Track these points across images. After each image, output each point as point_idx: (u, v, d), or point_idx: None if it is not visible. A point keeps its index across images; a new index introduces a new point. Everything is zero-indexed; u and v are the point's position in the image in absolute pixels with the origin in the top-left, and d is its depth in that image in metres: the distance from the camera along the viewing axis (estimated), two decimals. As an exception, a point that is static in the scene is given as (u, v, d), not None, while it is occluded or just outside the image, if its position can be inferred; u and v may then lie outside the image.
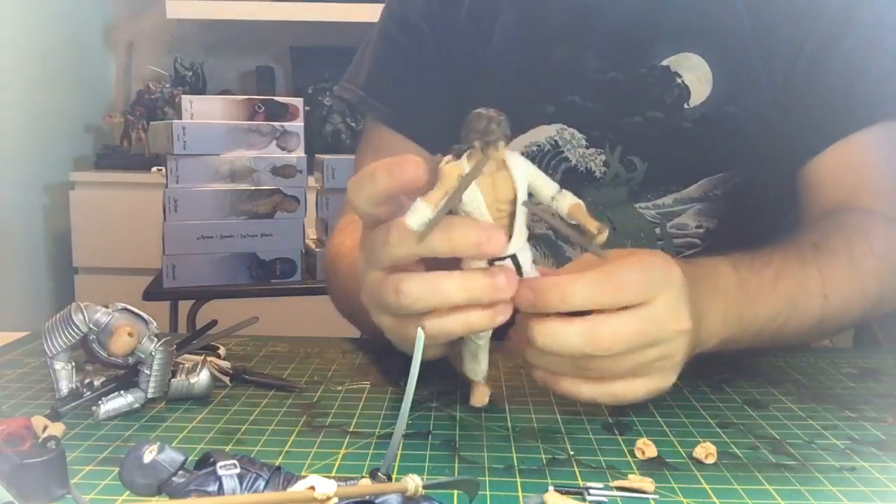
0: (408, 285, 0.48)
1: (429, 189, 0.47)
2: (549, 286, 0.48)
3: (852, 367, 0.69)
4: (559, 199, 0.48)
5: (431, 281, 0.48)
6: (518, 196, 0.48)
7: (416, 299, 0.48)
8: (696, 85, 0.80)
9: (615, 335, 0.48)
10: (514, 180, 0.48)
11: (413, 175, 0.46)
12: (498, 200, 0.48)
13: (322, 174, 1.67)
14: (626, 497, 0.43)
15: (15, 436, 0.48)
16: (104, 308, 0.54)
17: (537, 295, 0.48)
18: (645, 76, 0.81)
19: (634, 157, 0.82)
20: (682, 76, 0.80)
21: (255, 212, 1.57)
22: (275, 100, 1.63)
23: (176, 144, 1.50)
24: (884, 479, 0.46)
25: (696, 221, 0.83)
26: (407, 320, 0.51)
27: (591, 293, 0.48)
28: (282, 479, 0.35)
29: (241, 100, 1.61)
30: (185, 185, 1.53)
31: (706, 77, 0.80)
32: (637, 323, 0.49)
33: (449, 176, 0.47)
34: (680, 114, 0.80)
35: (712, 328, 0.57)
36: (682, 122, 0.80)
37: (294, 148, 1.61)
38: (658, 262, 0.51)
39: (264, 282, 1.59)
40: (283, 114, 1.62)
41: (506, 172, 0.48)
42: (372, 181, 0.48)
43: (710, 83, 0.80)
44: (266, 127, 1.58)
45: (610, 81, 0.81)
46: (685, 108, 0.80)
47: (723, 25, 0.80)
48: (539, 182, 0.49)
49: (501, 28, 0.85)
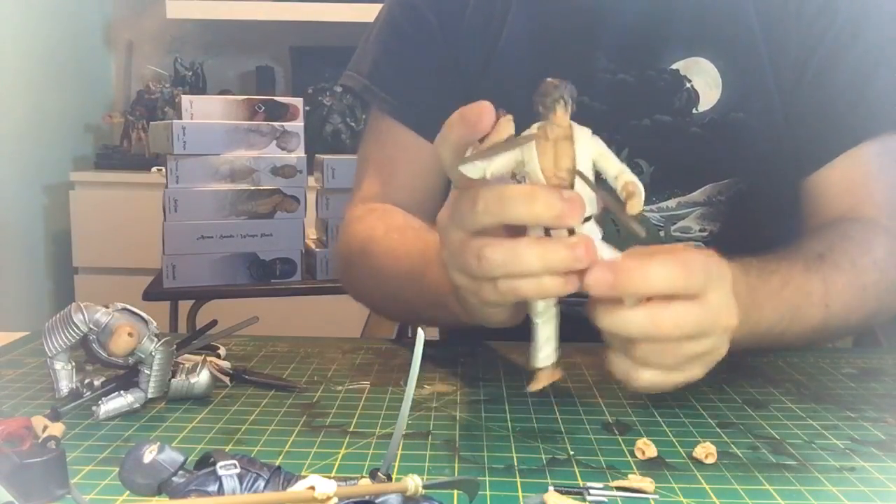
0: (490, 251, 0.49)
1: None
2: (632, 268, 0.48)
3: (852, 367, 0.70)
4: (620, 178, 0.49)
5: (513, 249, 0.49)
6: (577, 167, 0.49)
7: (497, 266, 0.49)
8: (705, 90, 0.80)
9: (677, 321, 0.49)
10: (577, 150, 0.49)
11: (487, 120, 0.49)
12: (558, 168, 0.49)
13: (322, 174, 1.67)
14: (626, 497, 0.43)
15: (15, 436, 0.48)
16: (104, 308, 0.54)
17: (618, 276, 0.48)
18: (654, 79, 0.81)
19: (641, 159, 0.82)
20: (691, 81, 0.80)
21: (255, 212, 1.57)
22: (275, 100, 1.63)
23: (176, 144, 1.50)
24: (884, 479, 0.46)
25: (699, 225, 0.83)
26: (483, 282, 0.51)
27: (669, 277, 0.48)
28: (282, 479, 0.35)
29: (241, 100, 1.61)
30: (185, 185, 1.53)
31: (715, 82, 0.80)
32: (697, 312, 0.49)
33: (498, 132, 0.49)
34: (688, 118, 0.80)
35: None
36: (689, 126, 0.80)
37: (294, 148, 1.60)
38: (713, 256, 0.52)
39: (264, 282, 1.59)
40: (283, 114, 1.62)
41: (569, 143, 0.49)
42: (450, 130, 0.50)
43: (719, 89, 0.80)
44: (266, 127, 1.58)
45: (619, 83, 0.81)
46: (693, 113, 0.80)
47: (734, 32, 0.80)
48: (603, 160, 0.49)
49: (511, 26, 0.85)
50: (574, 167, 0.49)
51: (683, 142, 0.80)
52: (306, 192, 1.62)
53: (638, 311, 0.49)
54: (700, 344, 0.51)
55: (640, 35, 0.81)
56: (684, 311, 0.49)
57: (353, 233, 0.84)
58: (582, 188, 0.49)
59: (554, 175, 0.49)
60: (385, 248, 0.76)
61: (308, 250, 1.64)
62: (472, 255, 0.50)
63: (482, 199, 0.49)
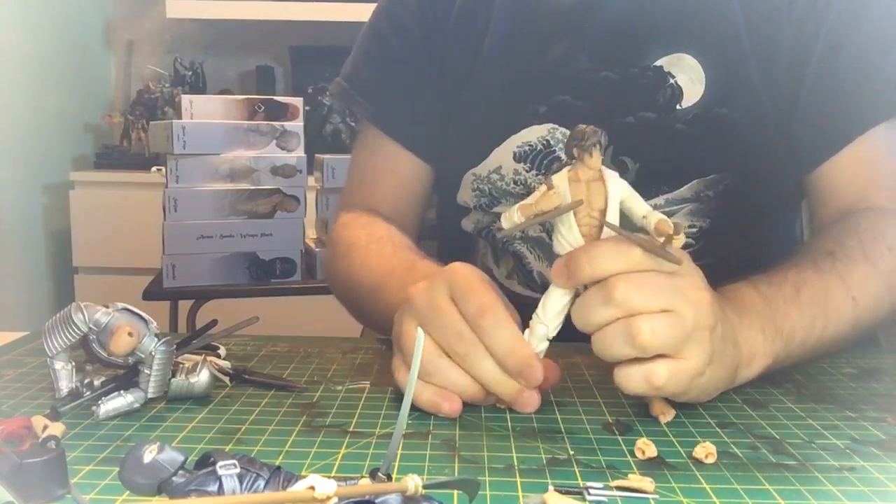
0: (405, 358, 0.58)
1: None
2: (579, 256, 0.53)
3: (852, 367, 0.69)
4: (649, 217, 0.52)
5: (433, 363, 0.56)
6: (608, 207, 0.53)
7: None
8: (688, 86, 0.80)
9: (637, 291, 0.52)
10: (608, 192, 0.53)
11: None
12: (591, 208, 0.54)
13: (322, 174, 1.67)
14: (626, 497, 0.43)
15: (15, 436, 0.48)
16: (104, 308, 0.54)
17: (569, 266, 0.53)
18: (637, 76, 0.81)
19: (626, 157, 0.82)
20: (675, 77, 0.80)
21: (254, 211, 1.57)
22: (275, 100, 1.63)
23: (176, 144, 1.50)
24: (884, 479, 0.46)
25: (688, 221, 0.83)
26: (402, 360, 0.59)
27: (615, 256, 0.52)
28: (282, 479, 0.35)
29: (241, 99, 1.61)
30: (184, 185, 1.53)
31: (699, 78, 0.80)
32: (660, 283, 0.53)
33: (547, 199, 0.53)
34: (672, 114, 0.80)
35: (753, 344, 0.59)
36: (674, 122, 0.80)
37: (294, 148, 1.61)
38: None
39: (264, 282, 1.59)
40: (282, 114, 1.62)
41: (601, 183, 0.53)
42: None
43: (702, 84, 0.80)
44: (266, 127, 1.58)
45: (602, 81, 0.81)
46: (677, 109, 0.80)
47: (717, 27, 0.80)
48: (633, 201, 0.54)
49: (494, 28, 0.85)
50: (606, 207, 0.53)
51: (668, 138, 0.80)
52: (306, 191, 1.62)
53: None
54: (678, 314, 0.51)
55: (622, 33, 0.81)
56: (642, 281, 0.52)
57: (338, 239, 0.87)
58: (607, 231, 0.54)
59: (587, 215, 0.54)
60: (362, 258, 0.79)
61: (308, 250, 1.64)
62: (407, 339, 0.57)
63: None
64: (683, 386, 0.52)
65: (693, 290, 0.53)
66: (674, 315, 0.51)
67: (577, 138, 0.53)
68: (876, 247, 0.69)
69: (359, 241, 0.82)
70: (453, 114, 0.88)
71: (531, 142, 0.83)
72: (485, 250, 0.90)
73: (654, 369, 0.51)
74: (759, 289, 0.62)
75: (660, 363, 0.51)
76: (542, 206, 0.53)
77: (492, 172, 0.85)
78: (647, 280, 0.51)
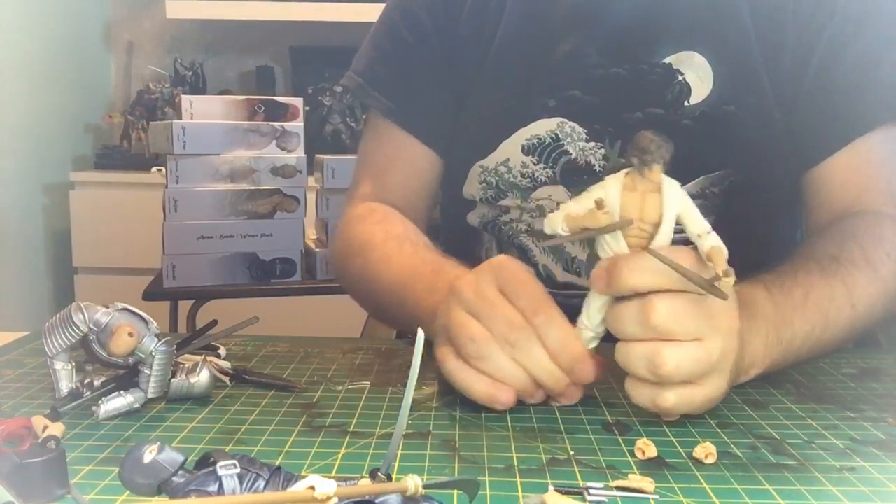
0: (474, 348, 0.56)
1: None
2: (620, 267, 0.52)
3: (852, 367, 0.69)
4: (704, 238, 0.49)
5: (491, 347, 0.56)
6: (663, 221, 0.50)
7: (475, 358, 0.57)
8: (696, 83, 0.80)
9: (673, 316, 0.52)
10: (664, 206, 0.49)
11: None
12: (643, 220, 0.50)
13: (322, 174, 1.66)
14: (626, 497, 0.43)
15: (15, 436, 0.48)
16: (104, 308, 0.54)
17: (610, 276, 0.53)
18: (646, 73, 0.81)
19: None
20: (683, 74, 0.81)
21: (254, 212, 1.57)
22: (275, 100, 1.63)
23: (176, 144, 1.50)
24: (884, 479, 0.46)
25: None
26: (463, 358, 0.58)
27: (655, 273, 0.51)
28: (282, 479, 0.35)
29: (241, 100, 1.60)
30: (184, 185, 1.53)
31: (707, 76, 0.80)
32: (693, 311, 0.52)
33: (595, 218, 0.50)
34: (680, 111, 0.81)
35: (755, 354, 0.59)
36: (681, 119, 0.81)
37: (294, 148, 1.60)
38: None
39: (264, 282, 1.59)
40: (282, 114, 1.61)
41: (657, 196, 0.50)
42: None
43: (710, 82, 0.80)
44: (266, 127, 1.58)
45: (611, 77, 0.82)
46: (685, 106, 0.81)
47: (726, 25, 0.80)
48: (689, 216, 0.50)
49: (505, 23, 0.86)
50: (660, 222, 0.50)
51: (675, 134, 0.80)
52: (306, 192, 1.62)
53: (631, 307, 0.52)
54: (707, 347, 0.51)
55: (633, 30, 0.82)
56: (680, 306, 0.51)
57: (353, 233, 0.86)
58: (663, 238, 0.50)
59: (638, 227, 0.50)
60: (381, 255, 0.78)
61: (308, 250, 1.64)
62: (467, 336, 0.55)
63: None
64: (690, 410, 0.54)
65: (727, 318, 0.53)
66: (702, 347, 0.51)
67: (640, 150, 0.49)
68: (876, 252, 0.70)
69: (375, 237, 0.81)
70: (463, 106, 0.89)
71: (540, 135, 0.83)
72: (489, 243, 0.91)
73: (663, 395, 0.52)
74: (772, 293, 0.62)
75: (671, 391, 0.52)
76: (589, 223, 0.50)
77: (500, 165, 0.85)
78: (686, 308, 0.51)
